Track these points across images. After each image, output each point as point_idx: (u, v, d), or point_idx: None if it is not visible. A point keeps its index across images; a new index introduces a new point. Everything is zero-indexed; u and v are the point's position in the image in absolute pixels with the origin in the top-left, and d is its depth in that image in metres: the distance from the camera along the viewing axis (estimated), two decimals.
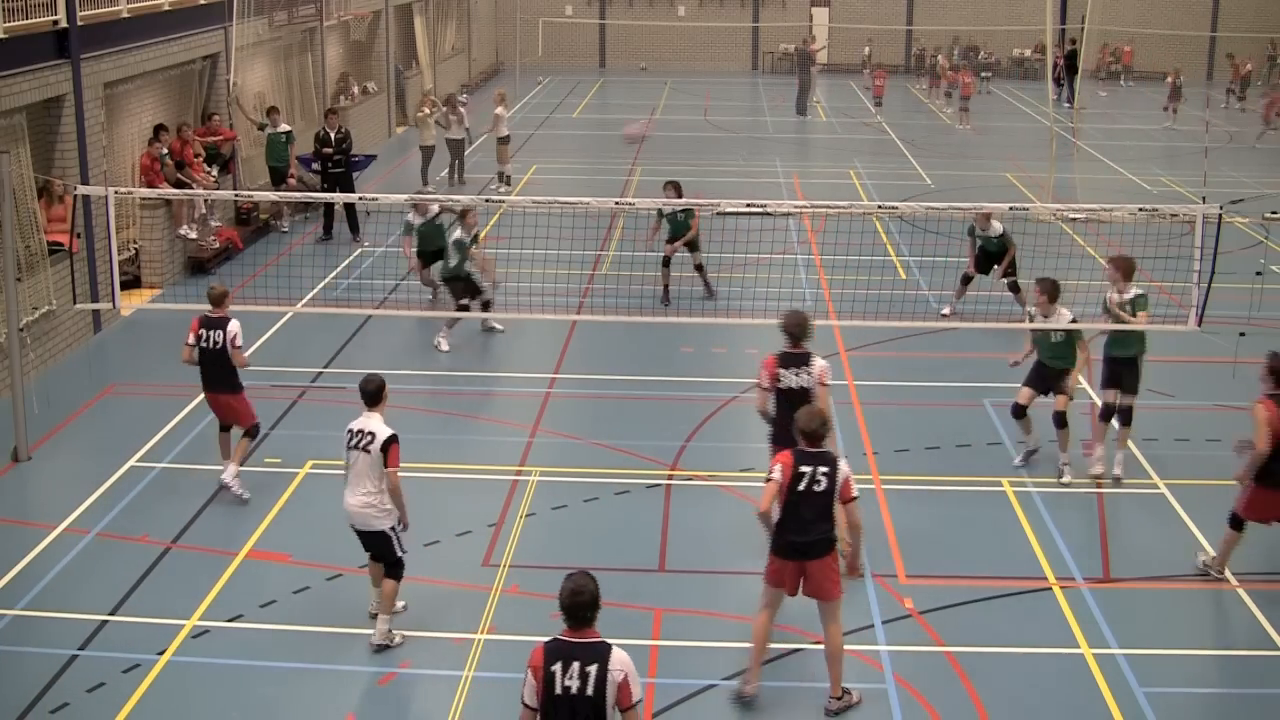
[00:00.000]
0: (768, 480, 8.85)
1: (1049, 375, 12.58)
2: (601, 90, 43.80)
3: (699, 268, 18.06)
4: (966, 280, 17.33)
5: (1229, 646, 9.93)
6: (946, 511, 12.00)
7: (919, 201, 21.12)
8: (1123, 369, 12.43)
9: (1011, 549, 11.28)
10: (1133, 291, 12.49)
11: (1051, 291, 12.34)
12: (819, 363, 10.61)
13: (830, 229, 21.26)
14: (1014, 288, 17.10)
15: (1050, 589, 10.59)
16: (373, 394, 9.54)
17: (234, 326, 11.88)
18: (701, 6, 49.46)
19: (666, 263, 17.93)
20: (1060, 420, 12.42)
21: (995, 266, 17.20)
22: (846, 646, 9.70)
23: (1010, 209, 15.26)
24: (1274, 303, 17.22)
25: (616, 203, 16.75)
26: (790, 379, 10.54)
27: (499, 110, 26.23)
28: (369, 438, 9.40)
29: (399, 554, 9.59)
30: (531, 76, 44.41)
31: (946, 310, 17.35)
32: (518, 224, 19.08)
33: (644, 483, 12.51)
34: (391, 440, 9.39)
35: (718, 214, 19.98)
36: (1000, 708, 9.01)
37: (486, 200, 16.36)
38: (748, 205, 16.27)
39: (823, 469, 8.75)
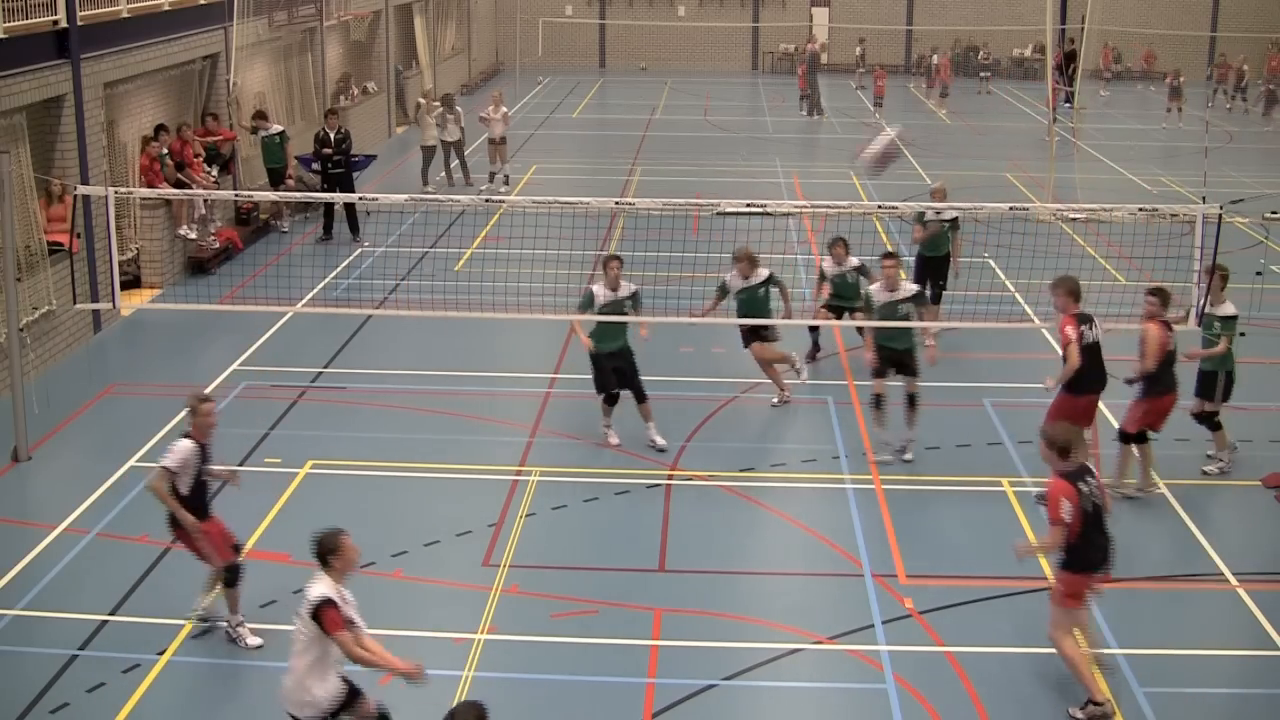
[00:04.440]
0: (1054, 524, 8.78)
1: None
2: (601, 90, 43.79)
3: (860, 331, 14.76)
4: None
5: (1229, 646, 9.92)
6: (946, 511, 12.00)
7: (919, 201, 21.08)
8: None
9: (1011, 549, 11.25)
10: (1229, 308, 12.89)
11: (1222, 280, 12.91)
12: (1098, 321, 11.88)
13: (830, 229, 21.23)
14: (936, 298, 16.20)
15: (1050, 589, 10.57)
16: (318, 555, 7.71)
17: (173, 450, 9.47)
18: (701, 6, 49.45)
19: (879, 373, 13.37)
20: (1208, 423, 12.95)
21: (929, 279, 16.33)
22: (847, 647, 9.73)
23: (1010, 209, 15.24)
24: (1274, 303, 17.22)
25: (616, 203, 16.72)
26: (1090, 335, 11.74)
27: (505, 110, 26.21)
28: (304, 601, 7.68)
29: None
30: (531, 76, 44.41)
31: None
32: (518, 224, 19.09)
33: (644, 483, 12.51)
34: (322, 604, 7.54)
35: (718, 214, 19.98)
36: (1000, 708, 9.00)
37: (486, 200, 16.32)
38: (748, 205, 16.26)
39: (1092, 481, 8.95)
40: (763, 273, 14.25)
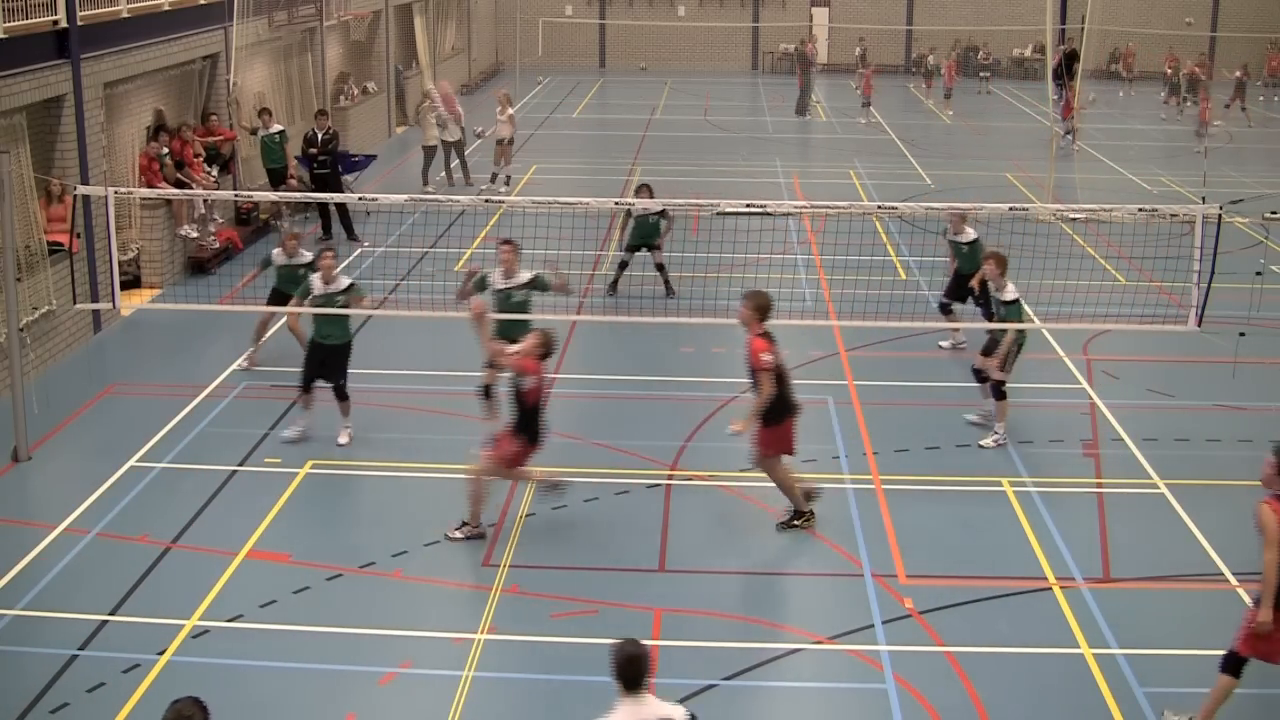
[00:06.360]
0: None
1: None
2: (601, 90, 43.79)
3: (660, 267, 18.10)
4: (946, 310, 16.08)
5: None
6: (946, 511, 12.00)
7: (919, 201, 21.11)
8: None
9: (1011, 549, 11.28)
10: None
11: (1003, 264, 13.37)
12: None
13: (830, 229, 21.26)
14: (988, 315, 15.41)
15: (1050, 589, 10.59)
16: (626, 676, 6.70)
17: None
18: (701, 6, 49.46)
19: (624, 265, 18.20)
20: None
21: (969, 290, 15.68)
22: (847, 647, 9.74)
23: (1010, 209, 15.24)
24: (1274, 303, 17.22)
25: (616, 203, 16.76)
26: (780, 356, 11.40)
27: (511, 111, 26.18)
28: None
29: None
30: (531, 76, 44.41)
31: (946, 344, 16.26)
32: (518, 224, 19.08)
33: (644, 483, 12.51)
34: None
35: (718, 214, 19.97)
36: (1000, 708, 9.01)
37: (486, 201, 16.32)
38: (748, 205, 16.26)
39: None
40: (306, 255, 14.98)
